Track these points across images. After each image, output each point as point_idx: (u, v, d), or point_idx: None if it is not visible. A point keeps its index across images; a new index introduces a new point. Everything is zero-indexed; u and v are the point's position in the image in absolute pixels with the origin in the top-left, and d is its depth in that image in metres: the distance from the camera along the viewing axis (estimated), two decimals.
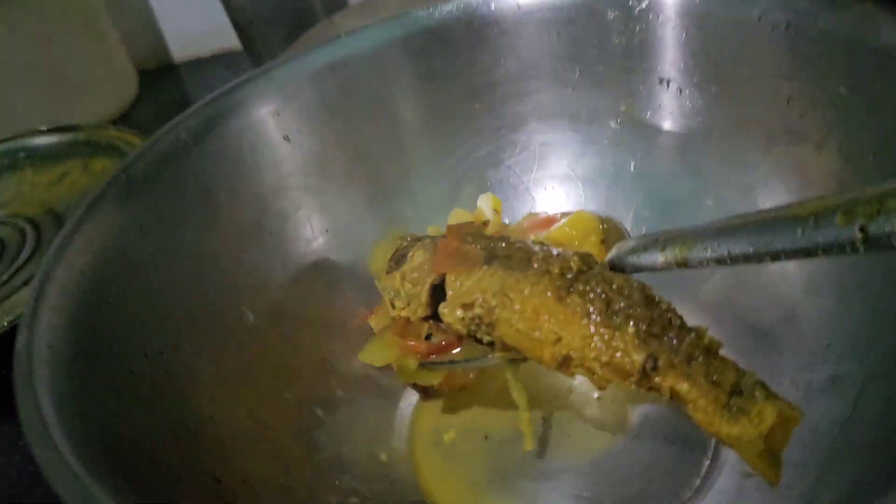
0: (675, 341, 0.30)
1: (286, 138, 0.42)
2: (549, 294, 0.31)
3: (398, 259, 0.39)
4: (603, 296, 0.31)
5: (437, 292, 0.36)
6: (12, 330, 0.48)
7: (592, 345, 0.30)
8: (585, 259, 0.32)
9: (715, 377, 0.29)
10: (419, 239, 0.39)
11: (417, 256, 0.37)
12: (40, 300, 0.29)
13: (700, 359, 0.30)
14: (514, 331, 0.32)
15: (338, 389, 0.40)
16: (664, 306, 0.31)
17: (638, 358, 0.30)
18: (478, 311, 0.33)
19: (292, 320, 0.41)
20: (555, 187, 0.46)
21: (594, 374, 0.31)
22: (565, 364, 0.31)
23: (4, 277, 0.58)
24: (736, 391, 0.29)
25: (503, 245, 0.35)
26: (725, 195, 0.41)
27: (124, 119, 0.81)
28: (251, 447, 0.35)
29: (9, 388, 0.39)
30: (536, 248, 0.34)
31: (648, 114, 0.44)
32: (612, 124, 0.45)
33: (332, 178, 0.43)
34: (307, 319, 0.41)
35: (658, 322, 0.30)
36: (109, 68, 0.80)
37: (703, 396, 0.29)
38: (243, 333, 0.38)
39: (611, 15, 0.43)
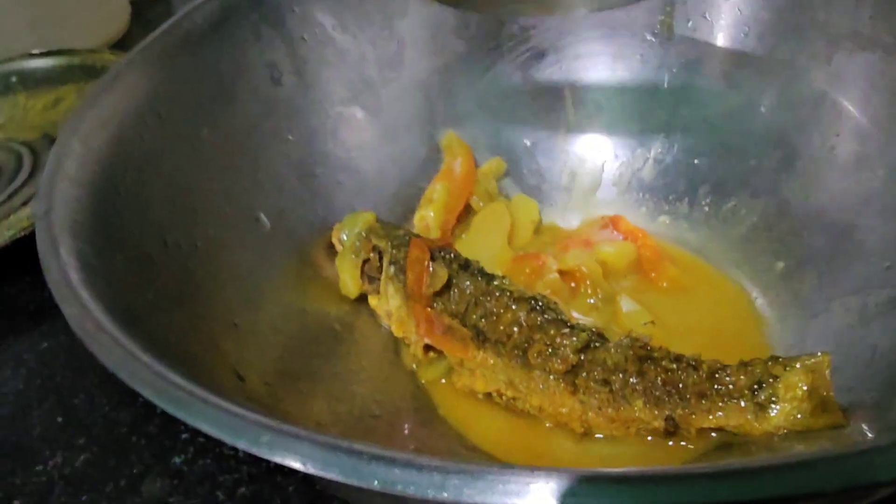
0: (680, 388, 0.31)
1: (303, 38, 0.40)
2: (559, 391, 0.33)
3: (370, 278, 0.39)
4: (604, 382, 0.32)
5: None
6: (14, 243, 0.47)
7: (613, 423, 0.32)
8: (582, 344, 0.33)
9: (729, 393, 0.31)
10: (380, 248, 0.38)
11: (391, 297, 0.37)
12: (58, 170, 0.28)
13: (708, 387, 0.31)
14: (537, 409, 0.34)
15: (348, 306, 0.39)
16: (657, 355, 0.32)
17: (657, 424, 0.31)
18: (493, 393, 0.35)
19: (304, 227, 0.40)
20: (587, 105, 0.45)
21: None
22: (591, 433, 0.33)
23: (1, 198, 0.57)
24: (756, 386, 0.30)
25: (489, 312, 0.35)
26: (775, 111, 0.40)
27: (123, 42, 0.79)
28: (270, 350, 0.34)
29: (11, 301, 0.38)
30: (527, 313, 0.34)
31: (689, 23, 0.42)
32: (648, 36, 0.43)
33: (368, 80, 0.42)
34: (317, 228, 0.40)
35: (658, 380, 0.32)
36: None
37: (732, 417, 0.31)
38: (259, 238, 0.37)
39: None
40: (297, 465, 0.19)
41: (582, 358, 0.33)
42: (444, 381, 0.37)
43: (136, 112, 0.32)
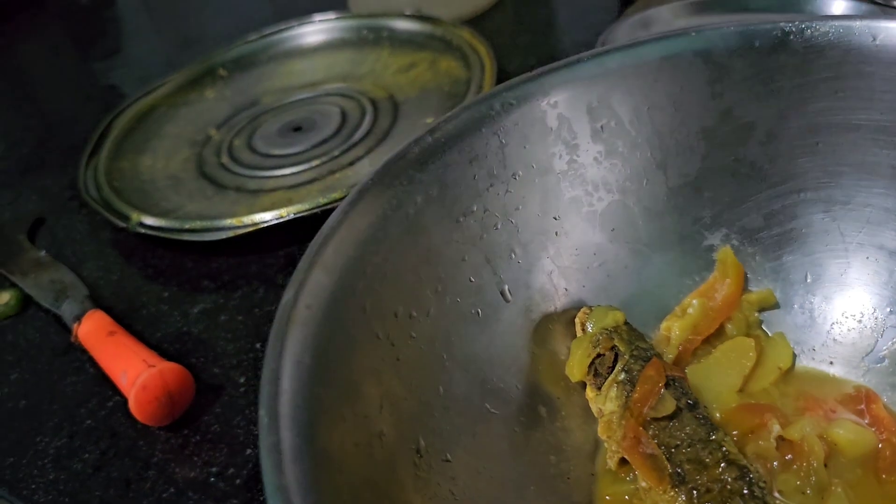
0: None
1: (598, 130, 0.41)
2: None
3: (598, 382, 0.39)
4: None
5: None
6: (323, 214, 0.54)
7: None
8: None
9: None
10: (617, 349, 0.39)
11: (610, 399, 0.38)
12: (317, 259, 0.32)
13: None
14: None
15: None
16: None
17: None
18: None
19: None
20: (867, 259, 0.41)
21: None
22: None
23: (336, 153, 0.64)
24: None
25: (696, 459, 0.34)
26: None
27: (480, 20, 0.83)
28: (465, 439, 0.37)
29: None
30: (733, 479, 0.33)
31: None
32: None
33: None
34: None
35: None
36: None
37: None
38: (495, 309, 0.40)
39: None
40: None
41: None
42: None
43: (398, 201, 0.36)
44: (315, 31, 0.78)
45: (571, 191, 0.42)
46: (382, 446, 0.33)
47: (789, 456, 0.37)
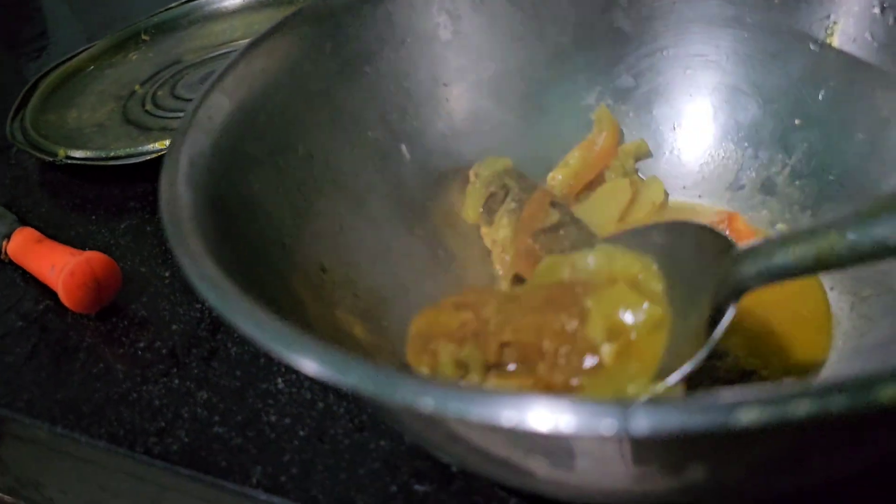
0: None
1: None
2: None
3: (489, 210, 0.43)
4: None
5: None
6: None
7: None
8: None
9: None
10: (508, 186, 0.43)
11: (502, 227, 0.42)
12: (217, 84, 0.36)
13: None
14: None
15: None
16: None
17: None
18: None
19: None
20: (723, 100, 0.46)
21: None
22: None
23: None
24: None
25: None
26: None
27: None
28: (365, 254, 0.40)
29: None
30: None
31: (852, 43, 0.41)
32: (812, 46, 0.43)
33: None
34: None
35: None
36: None
37: None
38: (395, 165, 0.44)
39: None
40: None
41: None
42: None
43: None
44: None
45: (457, 59, 0.46)
46: (285, 261, 0.36)
47: None
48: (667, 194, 0.46)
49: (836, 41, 0.41)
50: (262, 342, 0.24)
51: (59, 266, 0.48)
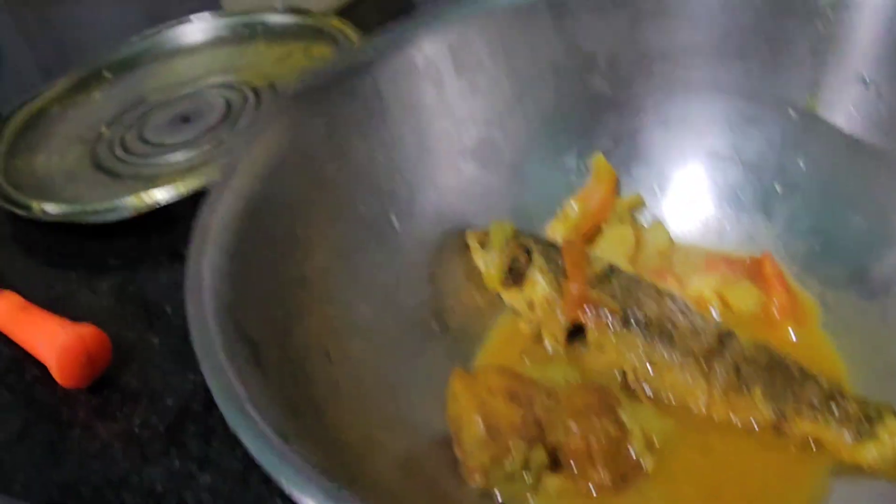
0: (797, 392, 0.36)
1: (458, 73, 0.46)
2: (693, 371, 0.38)
3: (515, 276, 0.44)
4: (735, 368, 0.38)
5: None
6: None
7: (730, 407, 0.38)
8: (722, 334, 0.39)
9: (839, 414, 0.35)
10: (528, 246, 0.44)
11: (538, 284, 0.43)
12: (227, 180, 0.36)
13: (823, 402, 0.36)
14: (667, 386, 0.39)
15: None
16: (788, 362, 0.38)
17: (768, 414, 0.37)
18: (626, 371, 0.40)
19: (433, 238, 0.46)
20: (702, 164, 0.47)
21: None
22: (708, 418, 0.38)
23: (224, 137, 0.67)
24: (864, 420, 0.35)
25: (636, 299, 0.41)
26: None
27: (349, 10, 0.87)
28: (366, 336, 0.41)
29: None
30: (670, 305, 0.40)
31: (834, 113, 0.43)
32: (792, 113, 0.44)
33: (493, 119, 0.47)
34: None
35: (780, 379, 0.37)
36: None
37: (831, 434, 0.35)
38: (387, 237, 0.44)
39: None
40: None
41: (722, 344, 0.39)
42: None
43: (299, 130, 0.40)
44: (193, 30, 0.81)
45: (442, 124, 0.47)
46: (298, 349, 0.37)
47: None
48: (671, 239, 0.48)
49: (818, 109, 0.43)
50: None
51: (50, 341, 0.47)
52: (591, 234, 0.48)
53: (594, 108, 0.48)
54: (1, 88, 0.88)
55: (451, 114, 0.47)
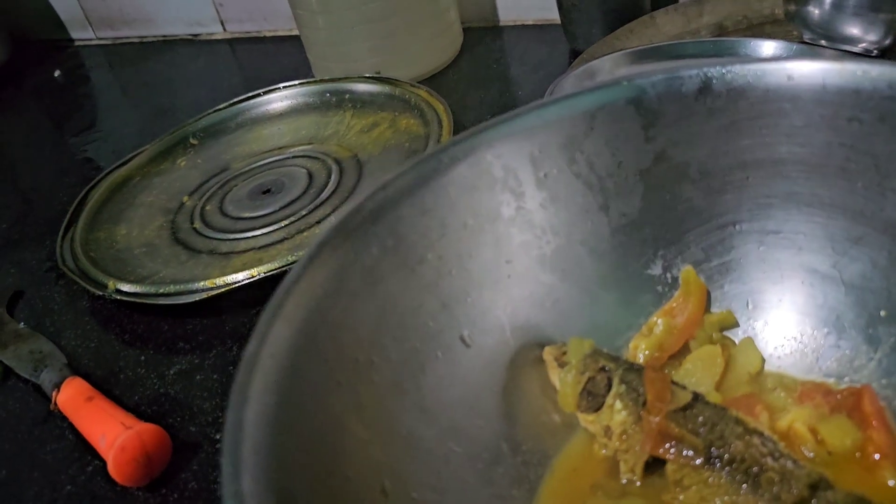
0: None
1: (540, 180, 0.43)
2: None
3: (592, 399, 0.41)
4: None
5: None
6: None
7: None
8: (814, 482, 0.35)
9: None
10: (607, 367, 0.41)
11: (616, 412, 0.40)
12: (278, 312, 0.35)
13: None
14: None
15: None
16: None
17: None
18: None
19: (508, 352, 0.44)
20: (800, 282, 0.43)
21: None
22: None
23: (304, 213, 0.67)
24: None
25: (721, 435, 0.37)
26: None
27: (445, 72, 0.86)
28: (427, 465, 0.39)
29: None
30: (759, 444, 0.36)
31: None
32: None
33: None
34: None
35: None
36: (440, 23, 0.85)
37: None
38: (456, 353, 0.42)
39: None
40: None
41: (813, 494, 0.34)
42: None
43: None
44: (281, 97, 0.81)
45: (520, 236, 0.44)
46: (347, 491, 0.34)
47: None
48: (763, 361, 0.44)
49: None
50: None
51: (111, 438, 0.47)
52: (677, 352, 0.45)
53: (684, 218, 0.45)
54: (99, 147, 0.90)
55: (530, 224, 0.44)
